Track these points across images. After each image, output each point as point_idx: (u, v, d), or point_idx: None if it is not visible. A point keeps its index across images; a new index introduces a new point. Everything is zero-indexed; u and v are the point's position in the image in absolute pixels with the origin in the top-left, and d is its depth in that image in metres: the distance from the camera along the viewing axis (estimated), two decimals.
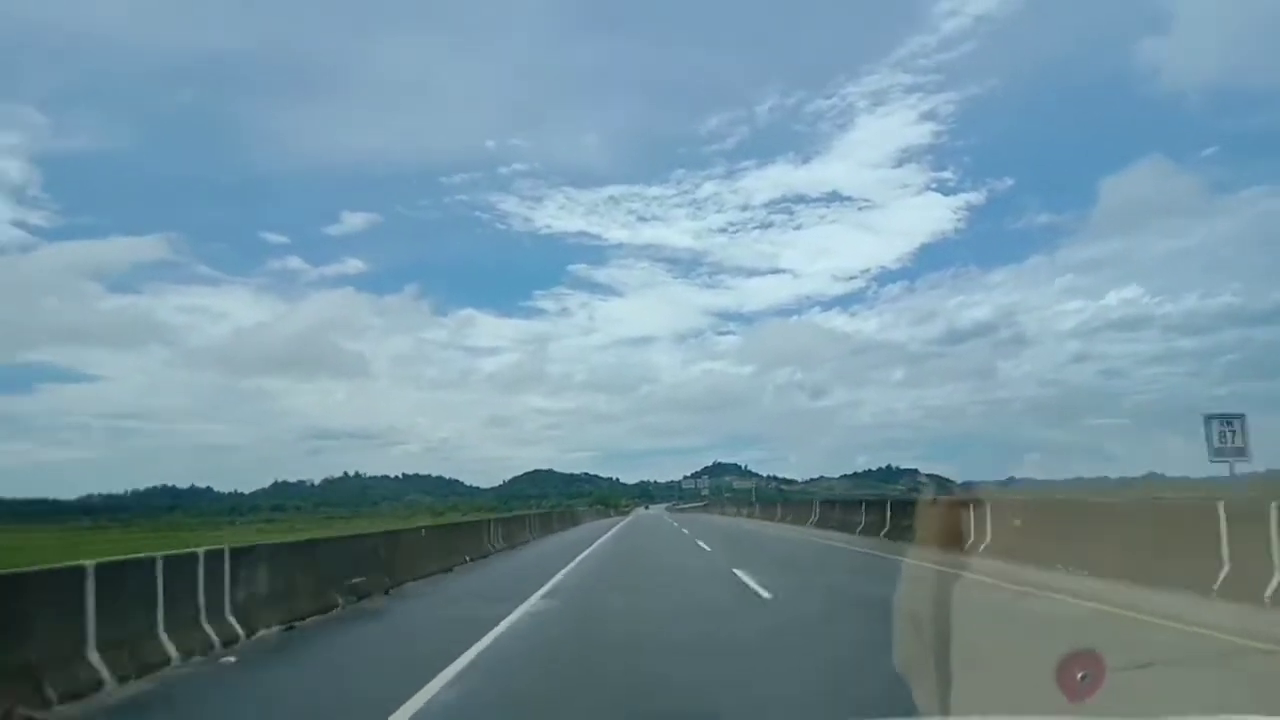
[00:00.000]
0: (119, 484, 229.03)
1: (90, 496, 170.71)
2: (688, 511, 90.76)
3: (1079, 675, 2.88)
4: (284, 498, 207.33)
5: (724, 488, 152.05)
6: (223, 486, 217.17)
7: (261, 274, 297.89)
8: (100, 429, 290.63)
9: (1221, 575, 9.39)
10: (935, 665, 5.08)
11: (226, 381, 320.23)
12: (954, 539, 16.07)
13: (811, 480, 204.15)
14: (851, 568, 15.76)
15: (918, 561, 15.01)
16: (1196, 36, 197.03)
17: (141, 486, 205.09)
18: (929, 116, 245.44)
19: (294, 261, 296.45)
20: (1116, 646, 7.23)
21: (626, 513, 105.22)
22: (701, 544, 22.81)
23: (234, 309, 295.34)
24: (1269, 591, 8.71)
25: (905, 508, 21.50)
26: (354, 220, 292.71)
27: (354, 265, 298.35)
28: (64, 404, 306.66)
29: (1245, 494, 13.03)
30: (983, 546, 15.06)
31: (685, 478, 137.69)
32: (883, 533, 20.41)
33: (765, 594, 11.89)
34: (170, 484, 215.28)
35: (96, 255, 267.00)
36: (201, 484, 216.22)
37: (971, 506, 16.08)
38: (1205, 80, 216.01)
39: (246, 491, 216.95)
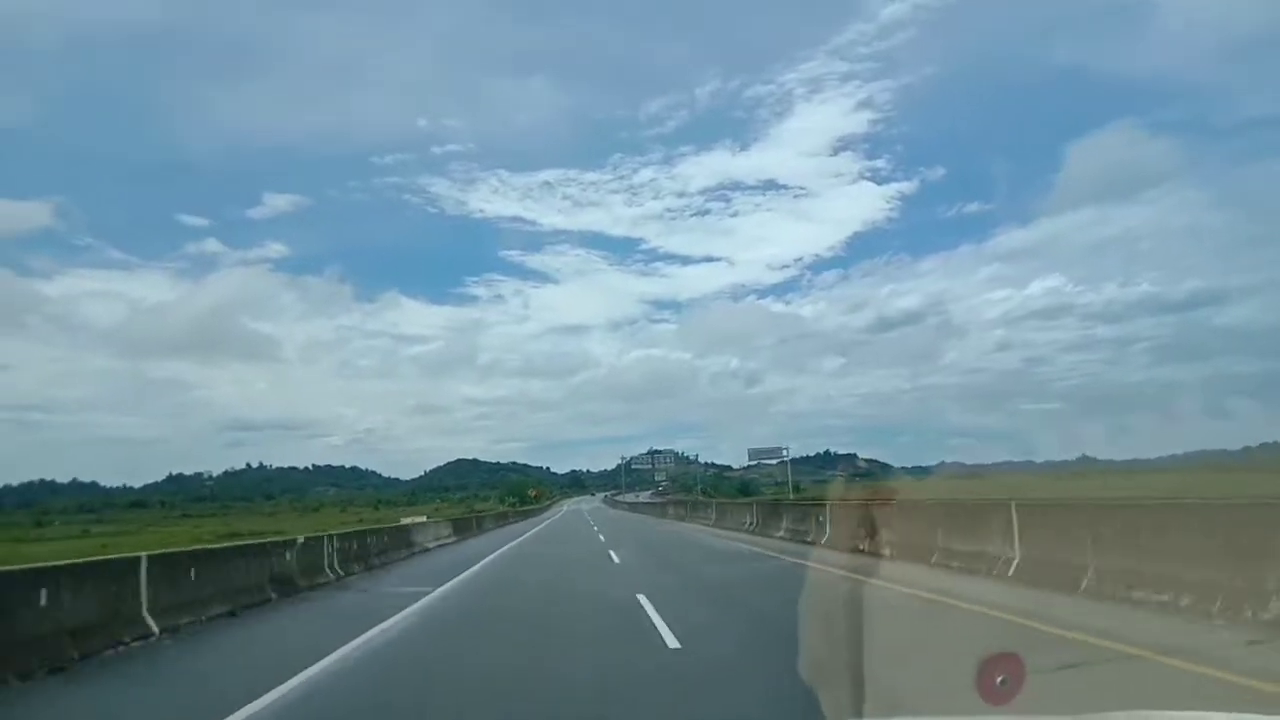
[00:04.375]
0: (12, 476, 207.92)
1: None
2: (640, 511, 60.15)
3: (998, 679, 2.71)
4: (177, 492, 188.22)
5: (689, 477, 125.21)
6: (113, 481, 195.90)
7: (177, 257, 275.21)
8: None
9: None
10: None
11: (138, 370, 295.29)
12: None
13: (749, 467, 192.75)
14: None
15: None
16: (1125, 30, 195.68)
17: (15, 482, 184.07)
18: (865, 105, 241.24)
19: (212, 244, 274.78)
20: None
21: (540, 511, 74.74)
22: None
23: (147, 294, 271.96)
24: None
25: None
26: (277, 202, 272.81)
27: (276, 249, 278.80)
28: None
29: None
30: None
31: (639, 455, 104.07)
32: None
33: None
34: (50, 478, 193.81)
35: None
36: (87, 478, 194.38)
37: None
38: (1135, 72, 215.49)
39: (137, 485, 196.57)
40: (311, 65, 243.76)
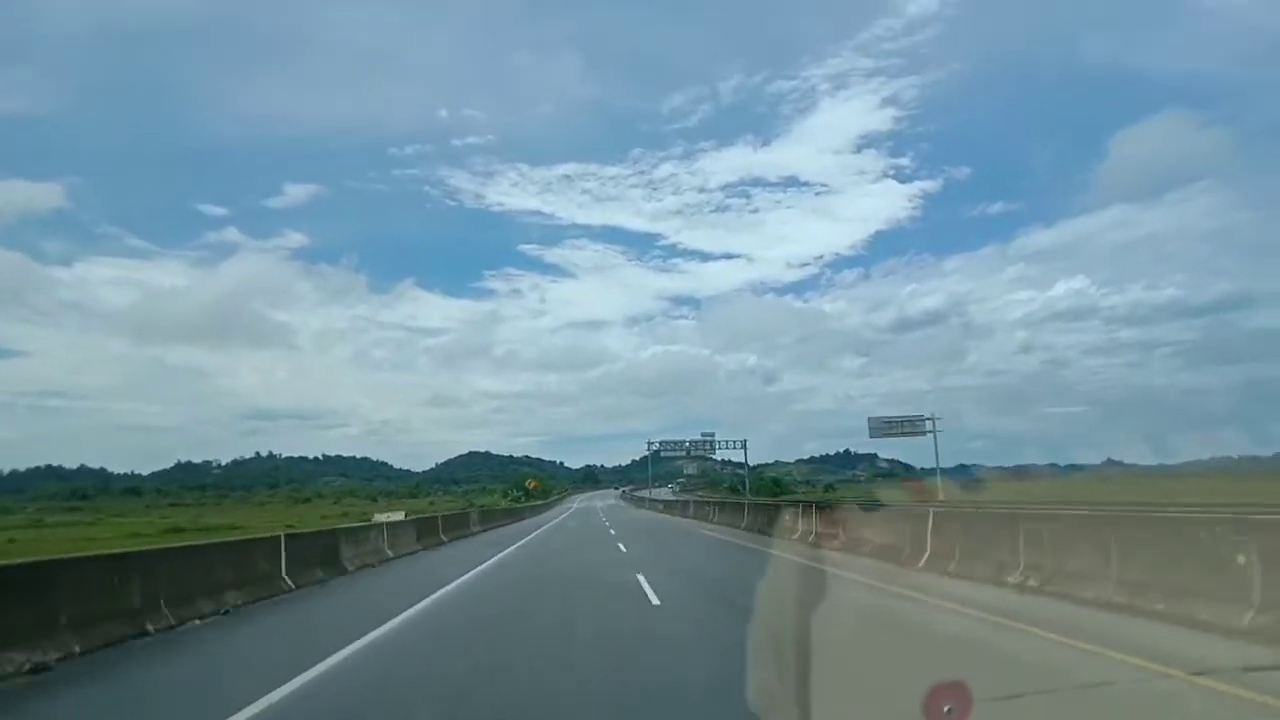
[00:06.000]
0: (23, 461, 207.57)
1: None
2: (682, 514, 40.96)
3: (945, 708, 2.79)
4: (182, 480, 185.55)
5: (716, 472, 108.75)
6: (121, 467, 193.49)
7: (197, 246, 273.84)
8: (20, 406, 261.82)
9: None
10: None
11: (156, 358, 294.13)
12: None
13: (766, 465, 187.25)
14: None
15: None
16: (1158, 27, 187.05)
17: (23, 467, 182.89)
18: (890, 101, 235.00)
19: (231, 233, 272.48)
20: None
21: (537, 511, 56.68)
22: None
23: (166, 282, 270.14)
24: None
25: None
26: (297, 192, 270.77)
27: (295, 239, 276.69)
28: None
29: None
30: None
31: (663, 443, 78.64)
32: None
33: None
34: (58, 464, 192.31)
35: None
36: (96, 464, 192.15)
37: None
38: (1168, 72, 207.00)
39: (145, 473, 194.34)
40: (334, 55, 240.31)
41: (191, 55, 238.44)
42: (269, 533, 13.09)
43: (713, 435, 76.60)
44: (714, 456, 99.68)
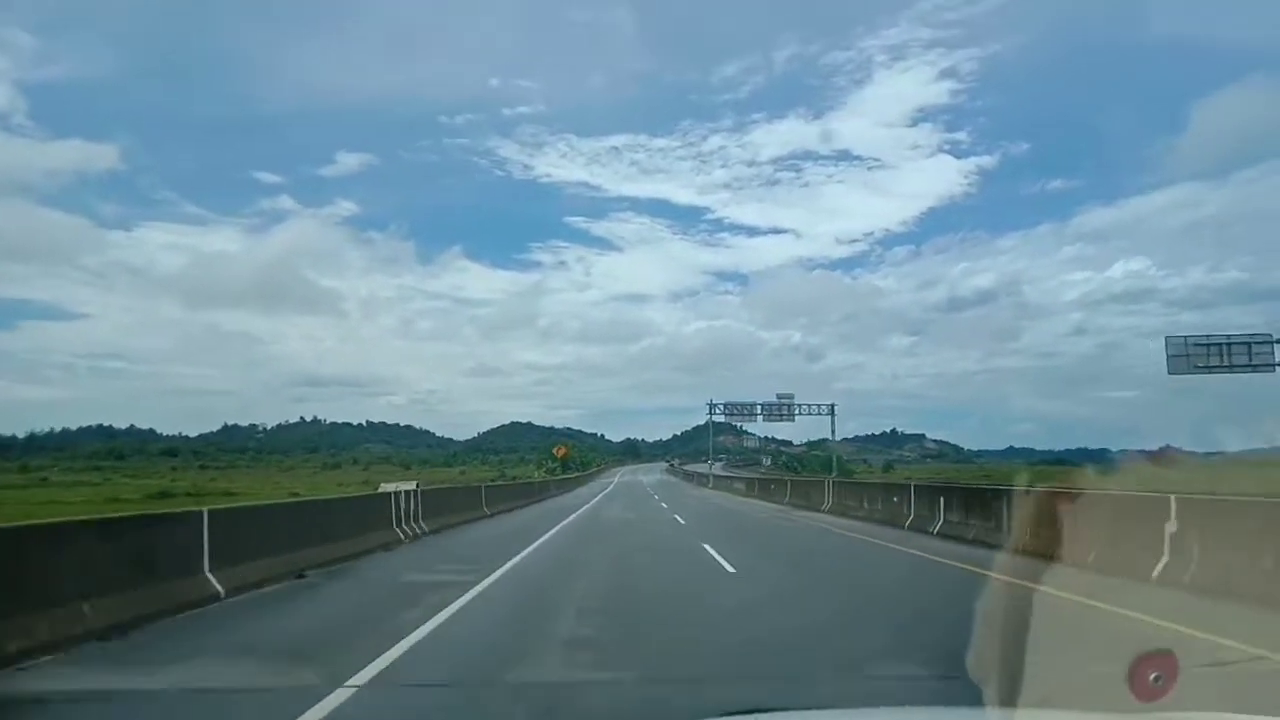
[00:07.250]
0: (72, 421, 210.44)
1: None
2: (769, 498, 32.62)
3: (1152, 676, 2.60)
4: (225, 442, 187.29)
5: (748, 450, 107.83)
6: (170, 429, 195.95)
7: (252, 214, 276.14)
8: (81, 367, 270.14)
9: None
10: None
11: (211, 323, 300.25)
12: None
13: (811, 443, 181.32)
14: None
15: None
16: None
17: (74, 426, 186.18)
18: (948, 74, 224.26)
19: (285, 201, 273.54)
20: None
21: (559, 488, 43.52)
22: None
23: (221, 248, 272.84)
24: None
25: None
26: (349, 161, 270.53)
27: (346, 207, 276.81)
28: (41, 341, 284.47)
29: None
30: None
31: (727, 405, 67.15)
32: None
33: None
34: (109, 424, 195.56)
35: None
36: (145, 425, 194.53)
37: None
38: (1239, 43, 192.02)
39: (193, 434, 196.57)
40: (389, 25, 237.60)
41: (248, 24, 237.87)
42: None
43: (791, 397, 63.73)
44: (755, 433, 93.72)
